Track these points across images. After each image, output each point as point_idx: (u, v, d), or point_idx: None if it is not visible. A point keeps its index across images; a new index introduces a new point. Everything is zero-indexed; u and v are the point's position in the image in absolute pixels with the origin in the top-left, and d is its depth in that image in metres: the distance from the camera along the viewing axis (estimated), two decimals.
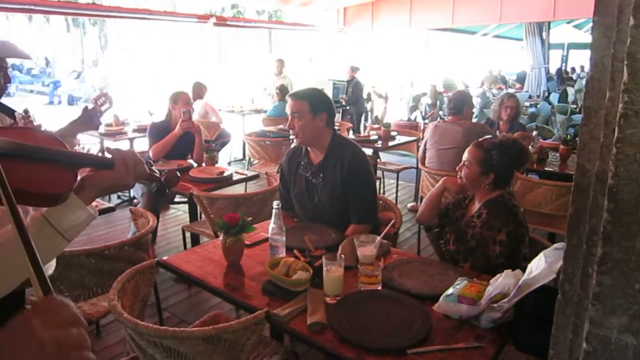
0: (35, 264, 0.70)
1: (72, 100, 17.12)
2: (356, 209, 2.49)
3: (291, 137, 2.54)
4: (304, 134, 2.49)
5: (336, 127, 2.79)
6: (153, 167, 1.28)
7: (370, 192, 2.58)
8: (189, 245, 3.70)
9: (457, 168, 2.35)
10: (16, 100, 16.48)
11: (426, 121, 9.16)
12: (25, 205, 1.06)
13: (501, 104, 4.79)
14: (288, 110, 2.51)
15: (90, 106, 2.49)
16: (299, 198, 2.65)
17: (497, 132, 4.54)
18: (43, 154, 1.05)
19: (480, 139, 2.35)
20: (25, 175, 0.99)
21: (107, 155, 1.17)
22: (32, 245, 0.71)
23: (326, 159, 2.54)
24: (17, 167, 0.99)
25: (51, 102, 17.42)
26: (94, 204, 1.15)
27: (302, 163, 2.63)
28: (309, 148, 2.61)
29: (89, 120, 2.45)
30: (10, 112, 2.02)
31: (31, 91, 19.70)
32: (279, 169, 2.85)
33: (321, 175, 2.55)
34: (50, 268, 1.48)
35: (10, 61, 2.08)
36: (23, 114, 1.98)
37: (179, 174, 1.38)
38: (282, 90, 7.33)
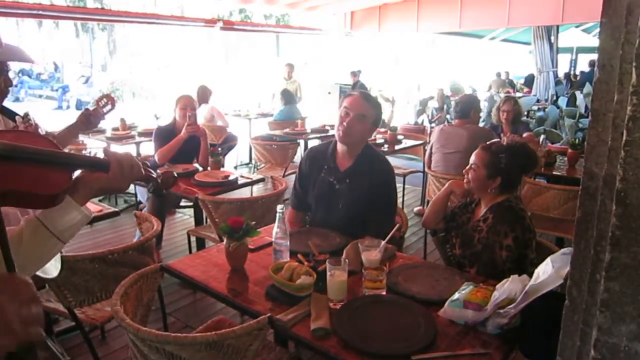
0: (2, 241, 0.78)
1: (80, 105, 17.19)
2: (377, 222, 2.41)
3: (339, 129, 2.41)
4: (356, 136, 2.42)
5: None
6: (149, 168, 1.28)
7: (394, 208, 2.56)
8: (194, 249, 3.70)
9: (463, 171, 2.33)
10: (25, 105, 16.64)
11: (433, 125, 9.11)
12: (20, 206, 1.06)
13: (498, 108, 4.79)
14: (349, 104, 2.40)
15: (92, 107, 2.49)
16: (320, 201, 2.58)
17: (502, 136, 4.52)
18: (37, 155, 1.05)
19: (488, 142, 2.33)
20: (18, 176, 1.00)
21: (102, 155, 1.17)
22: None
23: (354, 167, 2.49)
24: (11, 168, 1.00)
25: (60, 107, 17.53)
26: (98, 207, 1.15)
27: (326, 167, 2.55)
28: (338, 152, 2.53)
29: (89, 121, 2.45)
30: (12, 115, 2.02)
31: (40, 96, 19.84)
32: (298, 167, 2.76)
33: (347, 181, 2.48)
34: (54, 270, 1.47)
35: (19, 66, 2.09)
36: (23, 117, 1.98)
37: (175, 175, 1.39)
38: (286, 95, 7.32)
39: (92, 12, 8.01)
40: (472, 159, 2.27)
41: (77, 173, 1.15)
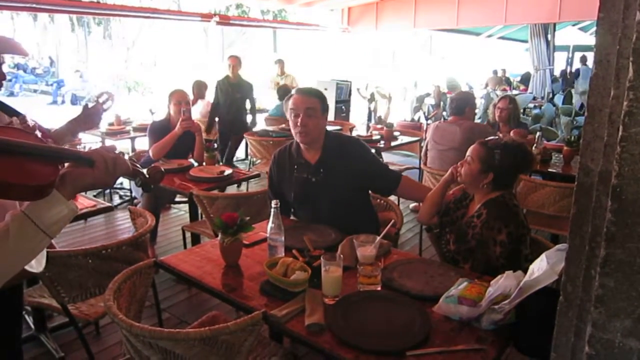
0: None
1: (75, 100, 17.08)
2: (380, 179, 2.60)
3: (296, 132, 2.45)
4: (315, 132, 2.46)
5: (339, 128, 2.80)
6: (137, 164, 1.28)
7: (385, 165, 2.75)
8: (189, 245, 3.69)
9: (459, 163, 2.32)
10: (20, 100, 16.55)
11: (429, 121, 9.13)
12: (6, 198, 1.06)
13: (494, 106, 4.79)
14: (294, 105, 2.43)
15: (92, 104, 2.47)
16: (302, 200, 2.60)
17: (499, 133, 4.52)
18: (22, 147, 1.06)
19: (487, 138, 2.32)
20: (4, 168, 1.01)
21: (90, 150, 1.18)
22: None
23: (324, 155, 2.52)
24: None
25: (54, 102, 17.42)
26: (92, 202, 1.15)
27: (297, 165, 2.57)
28: (303, 148, 2.55)
29: (89, 118, 2.42)
30: (10, 111, 1.98)
31: (35, 91, 19.73)
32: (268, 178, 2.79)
33: (321, 171, 2.51)
34: (39, 266, 1.46)
35: (14, 60, 2.07)
36: (20, 120, 1.95)
37: (163, 170, 1.39)
38: (281, 91, 7.30)
39: (88, 6, 7.93)
40: (468, 152, 2.27)
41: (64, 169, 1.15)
